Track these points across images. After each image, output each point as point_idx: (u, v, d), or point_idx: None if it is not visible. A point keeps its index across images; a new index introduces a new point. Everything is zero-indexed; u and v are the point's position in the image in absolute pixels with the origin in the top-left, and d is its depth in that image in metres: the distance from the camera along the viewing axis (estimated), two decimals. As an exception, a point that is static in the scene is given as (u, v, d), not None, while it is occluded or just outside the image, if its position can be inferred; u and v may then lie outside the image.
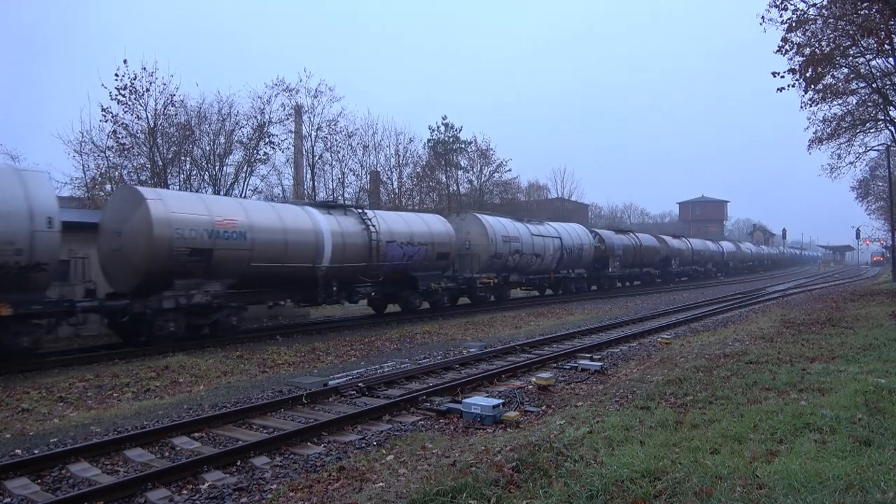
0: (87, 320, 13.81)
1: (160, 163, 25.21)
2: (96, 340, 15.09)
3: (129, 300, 12.88)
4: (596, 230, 33.98)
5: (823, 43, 19.62)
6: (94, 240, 14.08)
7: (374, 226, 17.78)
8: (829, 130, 28.85)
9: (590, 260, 30.99)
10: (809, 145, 29.28)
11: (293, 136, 30.94)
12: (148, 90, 24.49)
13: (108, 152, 24.61)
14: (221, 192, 27.25)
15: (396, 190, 40.08)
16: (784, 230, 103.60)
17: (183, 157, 26.74)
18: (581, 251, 29.78)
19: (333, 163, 35.78)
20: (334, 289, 16.81)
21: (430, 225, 20.55)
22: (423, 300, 20.70)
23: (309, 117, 32.72)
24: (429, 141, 46.07)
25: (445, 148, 45.81)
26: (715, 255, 54.58)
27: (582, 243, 30.00)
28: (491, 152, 45.95)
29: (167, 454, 6.76)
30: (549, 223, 29.35)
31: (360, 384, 9.48)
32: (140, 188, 14.58)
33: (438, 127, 46.37)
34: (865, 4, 18.09)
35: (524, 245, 25.08)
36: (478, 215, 24.00)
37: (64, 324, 12.21)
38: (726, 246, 59.90)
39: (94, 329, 15.07)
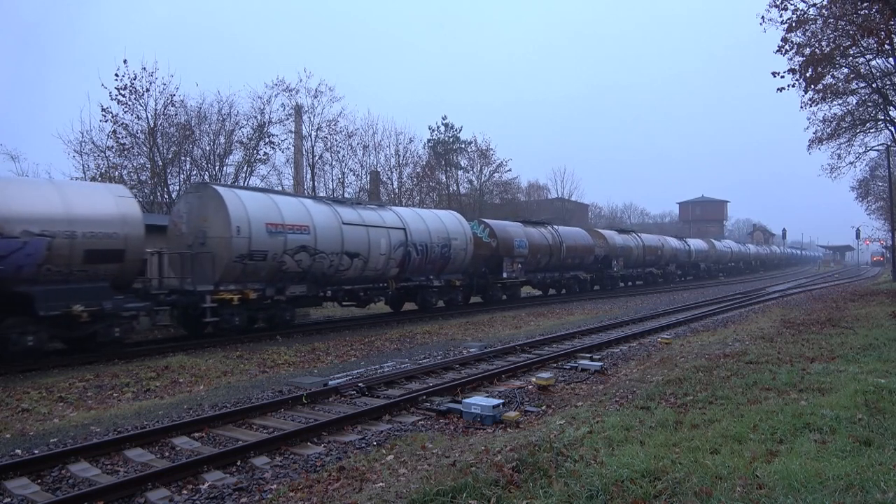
0: None
1: (160, 163, 25.22)
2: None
3: None
4: (485, 221, 25.66)
5: (823, 43, 19.64)
6: None
7: None
8: (829, 130, 28.89)
9: (466, 262, 22.22)
10: (809, 145, 29.33)
11: (293, 136, 30.92)
12: (148, 90, 24.52)
13: (108, 152, 24.61)
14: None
15: (396, 190, 40.09)
16: (784, 230, 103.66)
17: (183, 157, 26.74)
18: (448, 250, 20.84)
19: (333, 163, 35.81)
20: None
21: (69, 201, 11.84)
22: (58, 335, 12.09)
23: (309, 117, 32.72)
24: (429, 141, 46.16)
25: (445, 148, 45.87)
26: (679, 255, 45.24)
27: (449, 238, 20.97)
28: (491, 152, 46.06)
29: (167, 454, 6.76)
30: (392, 207, 20.64)
31: (360, 384, 9.48)
32: None
33: (438, 127, 46.49)
34: (865, 4, 18.09)
35: (321, 239, 16.11)
36: (219, 189, 14.92)
37: None
38: (695, 244, 50.65)
39: None
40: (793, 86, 19.84)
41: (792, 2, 19.31)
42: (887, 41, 20.06)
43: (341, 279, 17.42)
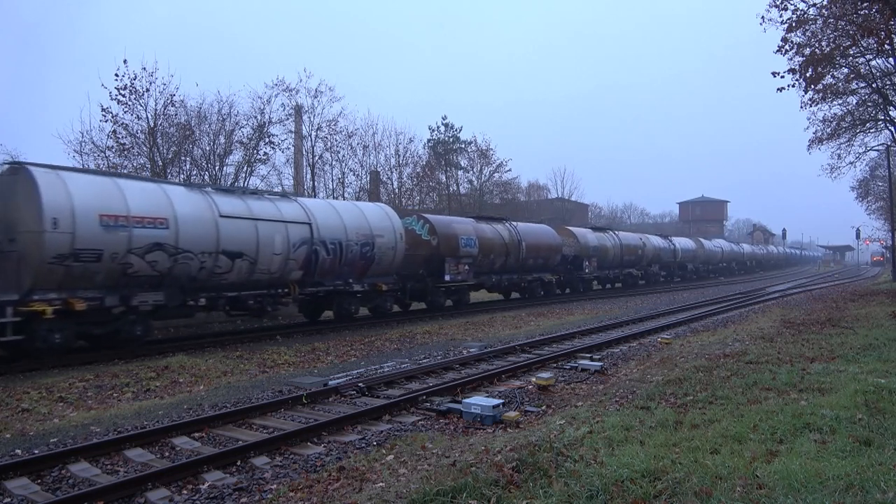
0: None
1: (160, 163, 25.18)
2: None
3: None
4: (425, 216, 22.44)
5: (823, 43, 19.64)
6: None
7: None
8: (829, 130, 28.92)
9: (397, 263, 19.05)
10: (809, 145, 29.35)
11: (293, 136, 30.93)
12: (148, 90, 24.47)
13: (108, 152, 24.57)
14: (221, 192, 27.15)
15: (396, 190, 40.10)
16: (784, 230, 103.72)
17: (183, 157, 26.74)
18: (370, 249, 17.74)
19: (333, 163, 35.81)
20: None
21: None
22: None
23: (309, 117, 32.71)
24: (429, 141, 46.19)
25: (445, 148, 45.89)
26: (663, 255, 41.88)
27: (373, 235, 17.87)
28: (491, 152, 46.08)
29: (167, 454, 6.76)
30: (297, 198, 17.39)
31: (360, 384, 9.48)
32: None
33: (438, 127, 46.50)
34: (865, 4, 18.09)
35: (186, 234, 13.17)
36: (32, 170, 11.75)
37: None
38: (681, 243, 47.30)
39: None
40: (793, 86, 19.85)
41: (792, 2, 19.32)
42: (887, 41, 20.07)
43: (220, 284, 14.25)
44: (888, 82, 25.65)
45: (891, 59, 23.42)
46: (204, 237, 13.61)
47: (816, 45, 19.62)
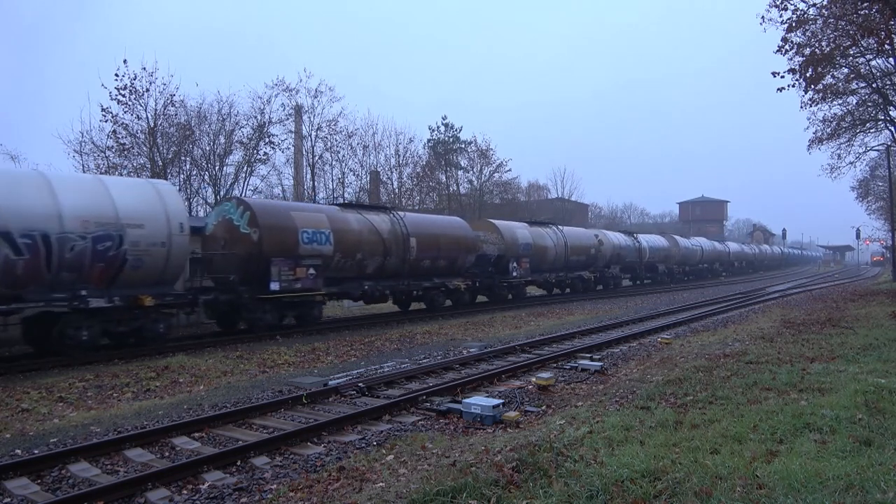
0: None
1: (160, 163, 25.22)
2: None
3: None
4: (246, 200, 16.47)
5: (823, 43, 19.64)
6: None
7: None
8: (829, 130, 28.91)
9: (174, 266, 13.45)
10: (809, 145, 29.35)
11: (293, 136, 30.98)
12: (148, 90, 24.55)
13: (108, 152, 24.65)
14: (221, 193, 27.29)
15: (396, 190, 40.12)
16: (784, 230, 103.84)
17: (183, 157, 26.80)
18: (115, 245, 12.16)
19: (333, 163, 35.86)
20: None
21: None
22: None
23: (309, 117, 32.78)
24: (429, 141, 46.20)
25: (445, 148, 45.89)
26: (626, 254, 35.65)
27: (121, 223, 12.26)
28: (491, 152, 46.04)
29: (167, 454, 6.76)
30: None
31: (360, 384, 9.48)
32: None
33: (438, 127, 46.52)
34: (865, 4, 18.09)
35: None
36: None
37: None
38: (649, 241, 40.33)
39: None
40: (793, 86, 19.86)
41: (792, 2, 19.33)
42: (887, 41, 20.07)
43: None
44: (888, 82, 25.67)
45: (891, 59, 23.44)
46: None
47: (816, 45, 19.62)
